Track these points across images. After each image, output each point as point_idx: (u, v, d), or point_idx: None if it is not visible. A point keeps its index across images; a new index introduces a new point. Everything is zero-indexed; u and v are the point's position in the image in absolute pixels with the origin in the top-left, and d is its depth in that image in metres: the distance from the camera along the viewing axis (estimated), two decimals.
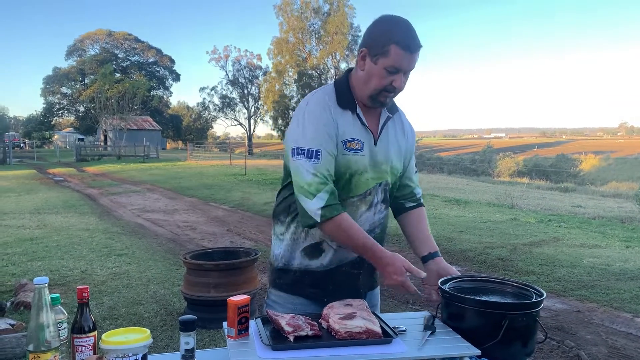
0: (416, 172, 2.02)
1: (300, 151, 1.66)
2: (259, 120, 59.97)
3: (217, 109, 61.09)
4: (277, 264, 1.85)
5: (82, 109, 60.53)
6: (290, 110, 49.56)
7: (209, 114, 63.16)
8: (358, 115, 1.74)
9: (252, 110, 59.73)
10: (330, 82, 1.81)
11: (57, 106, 63.35)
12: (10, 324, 4.11)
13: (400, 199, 1.98)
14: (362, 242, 1.71)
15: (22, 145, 58.55)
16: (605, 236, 7.59)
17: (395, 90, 1.70)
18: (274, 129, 52.40)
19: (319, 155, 1.65)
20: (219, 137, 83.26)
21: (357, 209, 1.78)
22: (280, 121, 50.24)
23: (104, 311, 4.54)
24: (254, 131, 60.82)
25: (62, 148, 49.51)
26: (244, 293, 4.24)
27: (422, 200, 2.02)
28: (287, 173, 1.77)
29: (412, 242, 2.03)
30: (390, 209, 1.97)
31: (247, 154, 29.67)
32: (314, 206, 1.64)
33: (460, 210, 10.19)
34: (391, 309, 4.58)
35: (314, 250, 1.81)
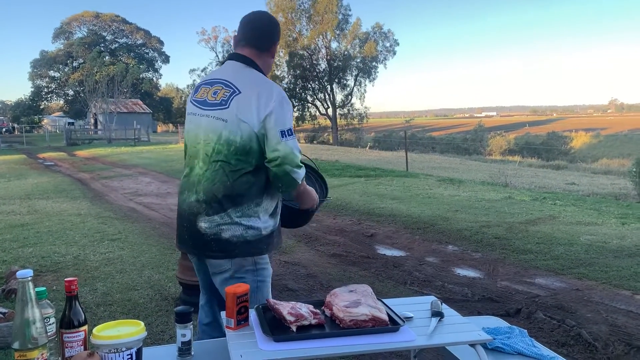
0: None
1: (289, 132, 2.01)
2: None
3: None
4: (263, 233, 2.12)
5: (71, 92, 59.73)
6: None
7: None
8: None
9: None
10: (254, 71, 2.14)
11: (46, 90, 62.49)
12: (1, 313, 4.03)
13: None
14: (307, 187, 2.24)
15: (11, 129, 57.83)
16: (601, 213, 7.57)
17: None
18: None
19: (294, 134, 2.06)
20: None
21: None
22: None
23: (98, 297, 4.45)
24: None
25: (52, 132, 48.92)
26: None
27: None
28: (255, 156, 2.04)
29: None
30: None
31: None
32: (302, 174, 2.07)
33: (455, 190, 10.14)
34: (389, 289, 4.53)
35: (276, 208, 2.19)
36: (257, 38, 2.15)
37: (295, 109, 49.95)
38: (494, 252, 5.65)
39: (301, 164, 2.06)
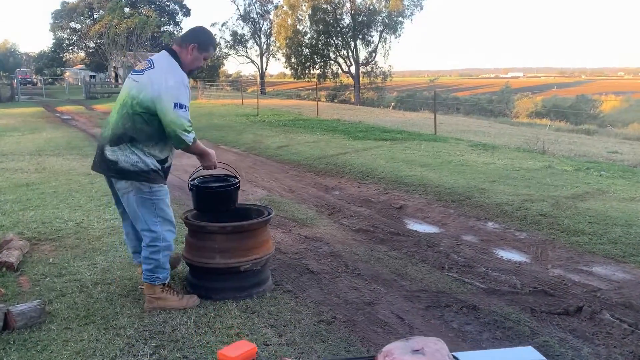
0: None
1: (180, 106, 2.97)
2: (271, 57, 58.32)
3: (229, 45, 59.41)
4: (146, 168, 3.11)
5: (92, 45, 59.00)
6: (303, 47, 47.95)
7: (220, 50, 61.49)
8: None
9: (264, 47, 57.98)
10: (172, 59, 3.12)
11: (67, 42, 61.81)
12: None
13: None
14: (204, 147, 3.35)
15: (33, 82, 57.68)
16: None
17: (201, 68, 3.28)
18: (286, 67, 50.91)
19: (188, 109, 3.01)
20: (231, 75, 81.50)
21: None
22: (293, 59, 48.68)
23: (96, 274, 3.97)
24: (266, 69, 59.24)
25: (73, 85, 48.62)
26: (255, 259, 3.64)
27: None
28: (151, 113, 3.02)
29: None
30: None
31: (260, 93, 28.67)
32: (191, 136, 3.09)
33: (489, 157, 9.43)
34: (424, 276, 3.96)
35: (166, 158, 3.25)
36: (180, 38, 3.20)
37: (317, 66, 48.78)
38: (540, 232, 5.02)
39: (190, 130, 3.06)
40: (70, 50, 63.83)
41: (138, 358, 2.77)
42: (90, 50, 59.67)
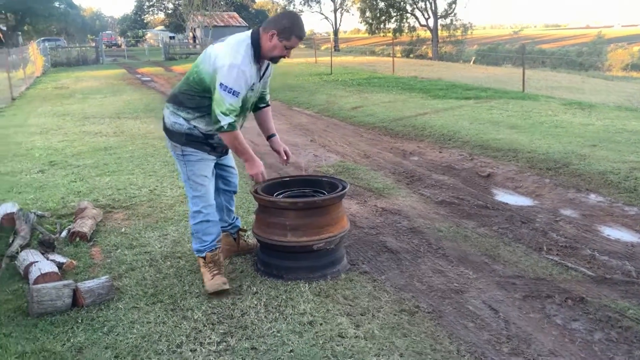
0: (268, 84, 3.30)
1: (226, 88, 2.85)
2: (345, 13, 56.99)
3: (303, 2, 58.53)
4: (181, 130, 3.07)
5: (170, 5, 60.13)
6: (378, 0, 46.32)
7: (294, 7, 60.75)
8: (259, 67, 3.03)
9: (338, 2, 56.61)
10: (247, 39, 2.93)
11: (147, 4, 63.42)
12: (59, 263, 3.52)
13: (258, 102, 3.28)
14: (246, 147, 3.05)
15: (118, 44, 59.89)
16: None
17: (285, 58, 3.02)
18: (360, 22, 49.54)
19: (237, 95, 2.87)
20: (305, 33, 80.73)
21: (245, 117, 3.16)
22: (367, 13, 47.22)
23: (167, 247, 3.84)
24: (339, 25, 58.01)
25: (154, 46, 49.96)
26: (328, 237, 3.34)
27: (269, 102, 3.41)
28: (203, 86, 2.97)
29: (261, 128, 3.42)
30: None
31: (333, 50, 28.01)
32: (226, 120, 2.88)
33: (586, 117, 8.53)
34: (519, 259, 3.51)
35: (208, 136, 3.11)
36: (266, 21, 2.99)
37: (392, 20, 47.09)
38: None
39: (227, 114, 2.86)
40: (151, 12, 65.53)
41: (204, 347, 2.58)
42: (169, 12, 60.90)
